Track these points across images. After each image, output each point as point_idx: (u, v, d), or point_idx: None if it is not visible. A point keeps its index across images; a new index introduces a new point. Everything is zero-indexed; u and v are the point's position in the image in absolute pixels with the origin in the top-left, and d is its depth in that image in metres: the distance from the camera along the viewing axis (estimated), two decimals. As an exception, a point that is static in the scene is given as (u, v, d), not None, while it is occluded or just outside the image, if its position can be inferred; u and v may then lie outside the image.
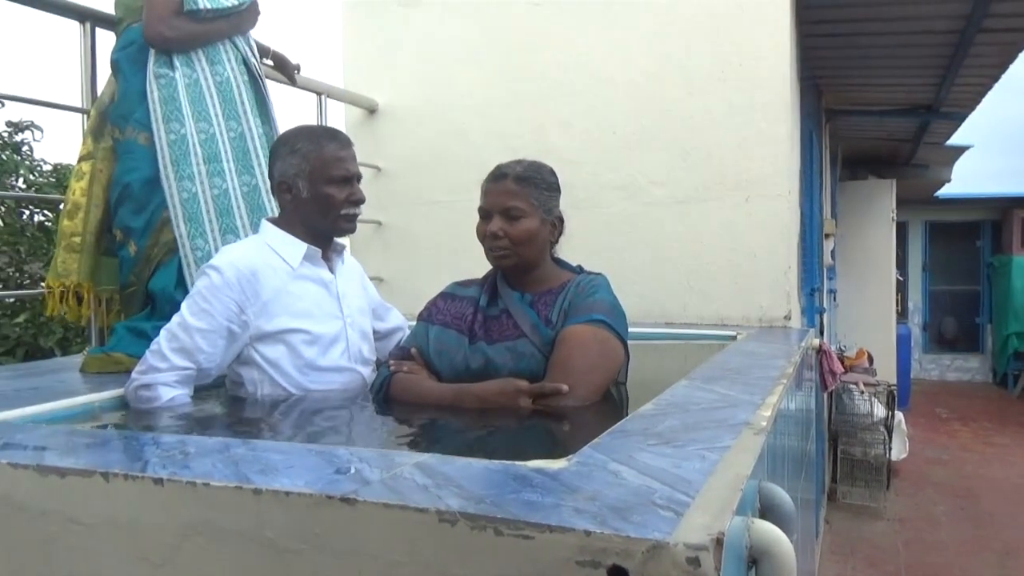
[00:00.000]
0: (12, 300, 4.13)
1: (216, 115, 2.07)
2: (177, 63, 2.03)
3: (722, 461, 0.96)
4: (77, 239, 2.06)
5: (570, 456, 0.97)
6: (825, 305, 5.36)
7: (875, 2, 3.62)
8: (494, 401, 1.47)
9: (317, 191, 1.74)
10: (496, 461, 0.94)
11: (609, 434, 1.10)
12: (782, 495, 1.04)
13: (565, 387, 1.45)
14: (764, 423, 1.18)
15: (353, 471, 0.90)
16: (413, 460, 0.94)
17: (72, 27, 2.27)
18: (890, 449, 5.62)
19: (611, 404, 1.57)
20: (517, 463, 0.93)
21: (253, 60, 2.21)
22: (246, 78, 2.17)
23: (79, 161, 2.11)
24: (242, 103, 2.13)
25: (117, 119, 2.05)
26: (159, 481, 0.90)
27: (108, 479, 0.93)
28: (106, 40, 2.33)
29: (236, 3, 2.11)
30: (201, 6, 2.02)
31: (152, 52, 2.02)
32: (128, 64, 2.03)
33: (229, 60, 2.13)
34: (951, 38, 4.03)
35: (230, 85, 2.11)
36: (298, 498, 0.82)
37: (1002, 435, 7.61)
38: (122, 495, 0.92)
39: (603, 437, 1.08)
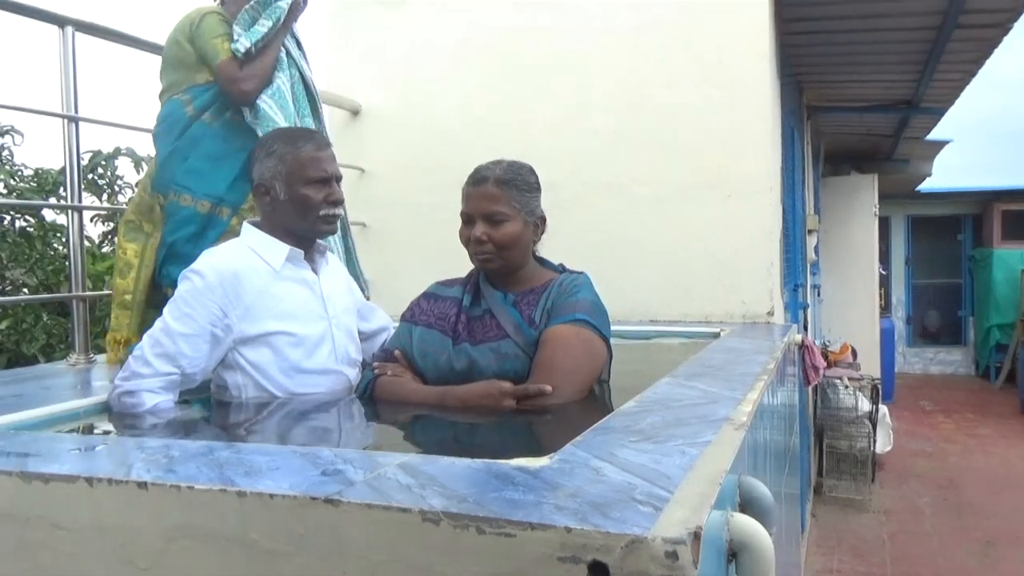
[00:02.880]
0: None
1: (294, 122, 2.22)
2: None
3: (702, 456, 0.97)
4: (128, 296, 2.17)
5: (552, 454, 0.98)
6: (809, 300, 5.41)
7: None
8: (478, 403, 1.48)
9: (294, 192, 1.73)
10: (478, 460, 0.95)
11: (591, 431, 1.12)
12: (762, 489, 1.06)
13: (549, 388, 1.45)
14: (744, 418, 1.20)
15: (337, 472, 0.91)
16: (396, 460, 0.95)
17: (52, 32, 2.25)
18: (875, 442, 5.67)
19: (594, 402, 1.59)
20: (499, 461, 0.94)
21: (304, 63, 2.34)
22: (296, 81, 2.29)
23: (124, 223, 2.24)
24: (297, 107, 2.27)
25: (160, 187, 2.17)
26: (143, 485, 0.90)
27: (92, 484, 0.93)
28: (86, 46, 2.32)
29: (271, 24, 2.20)
30: (244, 48, 2.14)
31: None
32: (164, 136, 2.17)
33: (283, 69, 2.26)
34: (928, 34, 4.08)
35: (282, 92, 2.24)
36: (282, 500, 0.83)
37: (984, 426, 7.71)
38: (106, 500, 0.92)
39: (585, 434, 1.09)
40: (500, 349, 1.60)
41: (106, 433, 1.58)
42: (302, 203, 1.74)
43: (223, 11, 2.21)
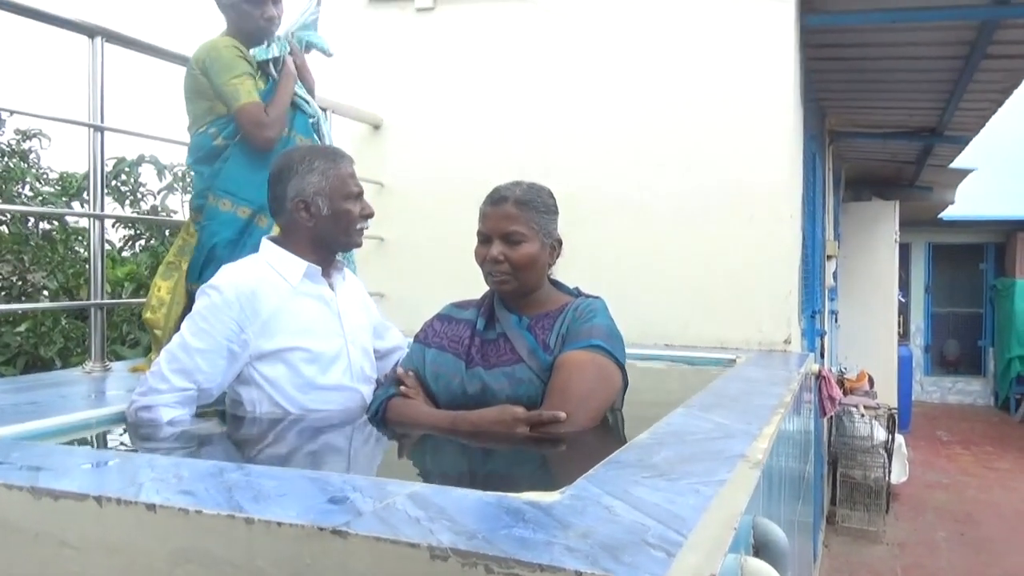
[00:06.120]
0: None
1: None
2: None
3: (717, 496, 0.95)
4: (159, 331, 2.20)
5: (564, 488, 0.97)
6: (826, 327, 5.36)
7: (879, 28, 3.65)
8: (491, 428, 1.46)
9: (337, 207, 1.76)
10: (489, 493, 0.94)
11: (604, 465, 1.10)
12: (776, 532, 1.04)
13: (563, 415, 1.44)
14: (760, 456, 1.18)
15: (346, 500, 0.90)
16: (406, 490, 0.94)
17: (81, 41, 2.28)
18: (890, 472, 5.59)
19: (608, 430, 1.57)
20: (510, 495, 0.93)
21: (316, 112, 2.37)
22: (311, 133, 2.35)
23: (165, 264, 2.27)
24: None
25: (198, 197, 2.21)
26: (152, 507, 0.90)
27: (101, 503, 0.93)
28: (114, 55, 2.35)
29: (278, 53, 2.25)
30: (271, 55, 2.21)
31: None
32: (202, 163, 2.20)
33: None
34: (955, 64, 4.05)
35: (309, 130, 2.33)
36: (290, 529, 0.82)
37: (1003, 460, 7.57)
38: (115, 520, 0.92)
39: (598, 468, 1.08)
40: (514, 374, 1.58)
41: (120, 445, 1.59)
42: (344, 217, 1.78)
43: (237, 43, 2.19)
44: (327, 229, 1.77)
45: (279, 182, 1.79)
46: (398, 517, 0.84)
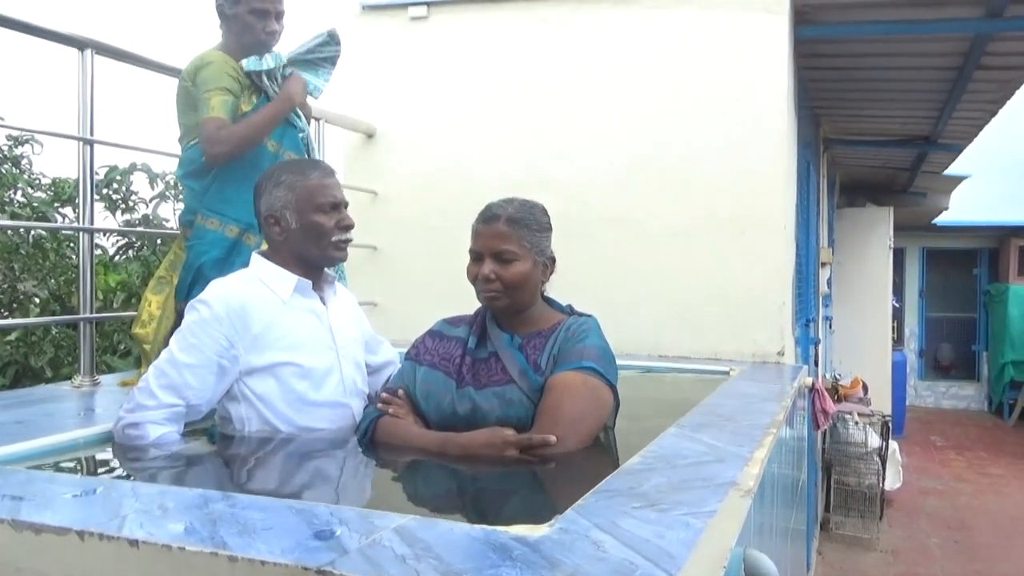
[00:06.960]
0: (3, 316, 4.13)
1: None
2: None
3: (707, 529, 0.94)
4: (148, 346, 2.20)
5: (552, 521, 0.96)
6: (820, 334, 5.36)
7: (873, 39, 3.65)
8: (481, 452, 1.45)
9: (306, 220, 1.73)
10: (477, 527, 0.93)
11: (594, 494, 1.09)
12: (766, 564, 1.03)
13: (553, 438, 1.42)
14: (752, 483, 1.17)
15: (331, 535, 0.89)
16: (393, 523, 0.93)
17: (71, 53, 2.27)
18: (884, 479, 5.59)
19: (599, 452, 1.56)
20: (498, 529, 0.91)
21: (305, 126, 2.34)
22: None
23: (156, 278, 2.28)
24: None
25: (187, 215, 2.21)
26: (134, 543, 0.89)
27: (83, 538, 0.91)
28: (105, 65, 2.33)
29: (272, 65, 2.22)
30: (264, 67, 2.19)
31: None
32: (191, 177, 2.21)
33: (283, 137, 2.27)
34: (949, 74, 4.06)
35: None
36: (273, 568, 0.81)
37: (997, 465, 7.58)
38: (97, 555, 0.91)
39: (587, 498, 1.07)
40: (505, 394, 1.57)
41: (105, 470, 1.57)
42: (315, 230, 1.74)
43: (229, 58, 2.17)
44: (298, 243, 1.75)
45: (256, 199, 1.79)
46: (384, 555, 0.83)
